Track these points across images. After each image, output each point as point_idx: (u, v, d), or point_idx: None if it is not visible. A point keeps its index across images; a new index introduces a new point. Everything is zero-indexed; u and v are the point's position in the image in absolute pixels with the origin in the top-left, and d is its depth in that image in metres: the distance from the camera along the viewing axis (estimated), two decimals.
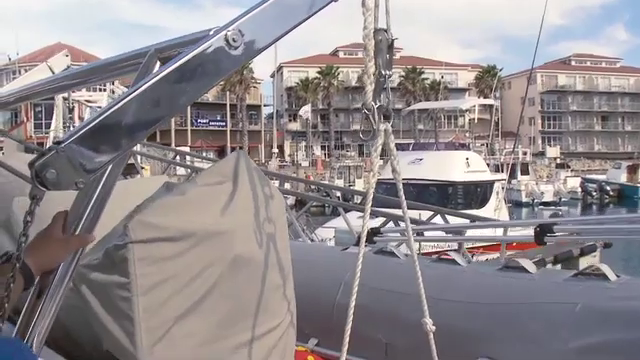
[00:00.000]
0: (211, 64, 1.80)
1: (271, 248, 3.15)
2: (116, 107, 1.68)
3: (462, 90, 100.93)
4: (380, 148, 2.45)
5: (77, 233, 2.00)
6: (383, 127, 2.42)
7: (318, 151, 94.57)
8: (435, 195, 29.18)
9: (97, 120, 1.66)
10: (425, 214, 11.65)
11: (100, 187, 1.96)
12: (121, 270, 2.76)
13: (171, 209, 2.93)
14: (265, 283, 3.11)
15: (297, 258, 3.54)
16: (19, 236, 1.82)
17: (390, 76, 2.39)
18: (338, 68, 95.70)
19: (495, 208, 29.66)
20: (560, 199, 65.24)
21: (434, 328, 2.76)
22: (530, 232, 5.01)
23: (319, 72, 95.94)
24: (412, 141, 41.10)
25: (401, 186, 2.64)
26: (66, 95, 23.70)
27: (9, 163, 4.21)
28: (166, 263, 2.81)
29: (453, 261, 4.21)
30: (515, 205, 51.57)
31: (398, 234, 6.92)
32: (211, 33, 1.82)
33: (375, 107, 2.37)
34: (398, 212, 7.91)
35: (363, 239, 2.60)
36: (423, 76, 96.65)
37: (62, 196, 1.80)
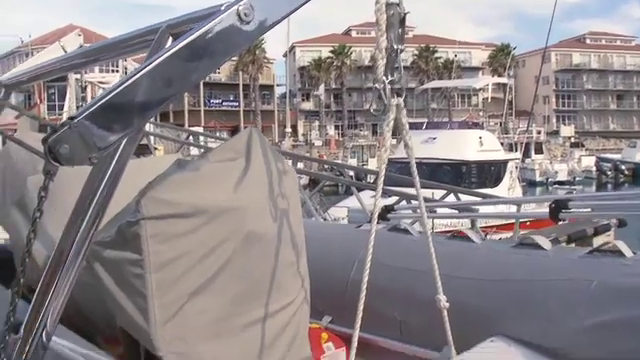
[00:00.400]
0: (223, 39, 1.79)
1: (284, 224, 3.15)
2: (128, 83, 1.67)
3: (476, 69, 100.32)
4: (392, 123, 2.43)
5: (90, 210, 1.99)
6: (395, 102, 2.40)
7: (331, 131, 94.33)
8: (448, 174, 29.02)
9: (109, 96, 1.65)
10: (438, 193, 11.60)
11: (114, 163, 1.94)
12: (134, 247, 2.77)
13: (183, 185, 2.93)
14: (278, 260, 3.11)
15: (310, 236, 3.53)
16: (33, 212, 1.82)
17: (402, 50, 2.37)
18: (351, 47, 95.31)
19: (509, 187, 29.59)
20: (574, 178, 64.86)
21: (448, 305, 2.75)
22: (544, 210, 4.98)
23: (332, 51, 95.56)
24: (425, 120, 40.90)
25: (414, 161, 2.62)
26: (79, 76, 23.71)
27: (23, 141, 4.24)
28: (179, 240, 2.82)
29: (467, 238, 4.18)
30: (529, 184, 51.41)
31: (411, 211, 6.89)
32: (222, 8, 1.80)
33: (387, 82, 2.35)
34: (411, 191, 7.88)
35: (375, 215, 2.59)
36: (436, 55, 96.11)
37: (75, 173, 1.80)
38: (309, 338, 3.47)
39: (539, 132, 71.03)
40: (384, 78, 2.34)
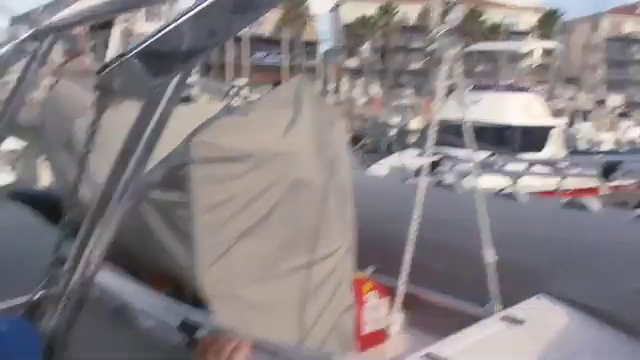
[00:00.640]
0: None
1: (333, 173, 3.13)
2: (176, 24, 1.65)
3: (523, 34, 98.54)
4: (445, 74, 2.40)
5: (138, 150, 1.98)
6: (452, 52, 2.36)
7: (375, 89, 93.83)
8: (492, 137, 28.69)
9: (158, 35, 1.63)
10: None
11: (163, 103, 1.93)
12: (182, 189, 2.77)
13: (232, 130, 2.92)
14: (326, 207, 3.10)
15: (357, 187, 3.52)
16: (83, 147, 1.82)
17: (460, 1, 2.33)
18: (397, 6, 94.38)
19: (553, 154, 29.17)
20: (619, 149, 63.99)
21: (497, 257, 2.73)
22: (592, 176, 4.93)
23: (379, 8, 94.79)
24: (471, 82, 40.29)
25: (467, 116, 2.58)
26: (125, 25, 23.78)
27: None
28: (227, 183, 2.82)
29: (513, 196, 4.14)
30: (573, 152, 50.74)
31: (457, 168, 6.86)
32: None
33: (442, 31, 2.31)
34: (455, 151, 7.85)
35: (426, 166, 2.57)
36: (483, 18, 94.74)
37: (122, 118, 1.79)
38: (352, 287, 3.48)
39: (586, 100, 69.83)
40: (439, 28, 2.30)
